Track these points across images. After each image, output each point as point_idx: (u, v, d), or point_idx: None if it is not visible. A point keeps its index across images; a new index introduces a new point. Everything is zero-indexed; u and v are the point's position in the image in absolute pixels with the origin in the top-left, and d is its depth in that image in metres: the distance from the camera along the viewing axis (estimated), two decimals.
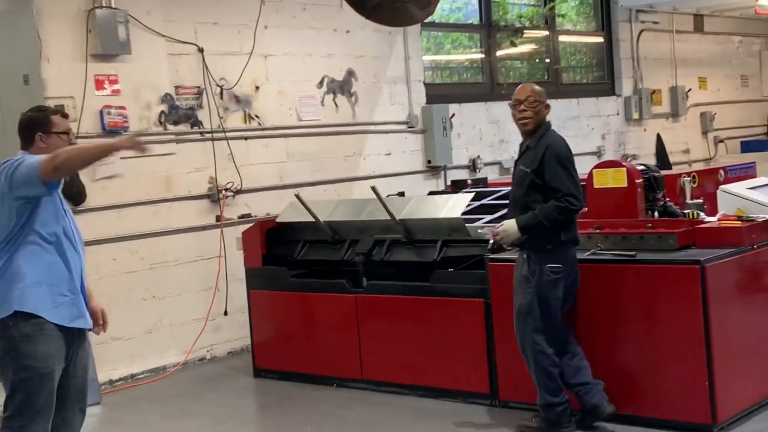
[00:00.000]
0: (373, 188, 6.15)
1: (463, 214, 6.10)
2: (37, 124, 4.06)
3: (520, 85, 5.25)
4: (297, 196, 6.47)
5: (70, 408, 4.09)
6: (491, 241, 5.50)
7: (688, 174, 6.54)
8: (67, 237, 4.01)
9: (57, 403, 3.98)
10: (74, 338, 4.02)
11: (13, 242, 3.92)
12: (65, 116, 4.18)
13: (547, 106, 5.18)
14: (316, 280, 6.48)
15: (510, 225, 5.03)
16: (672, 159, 11.71)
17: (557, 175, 4.93)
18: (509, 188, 7.01)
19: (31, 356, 3.86)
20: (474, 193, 6.80)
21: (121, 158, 6.92)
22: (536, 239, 4.98)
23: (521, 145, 5.29)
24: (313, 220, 6.42)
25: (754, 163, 8.17)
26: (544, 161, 4.96)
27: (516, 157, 5.37)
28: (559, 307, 5.04)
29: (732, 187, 6.02)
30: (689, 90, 12.46)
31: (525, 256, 5.08)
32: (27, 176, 3.81)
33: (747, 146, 12.57)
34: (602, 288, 5.19)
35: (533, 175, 4.99)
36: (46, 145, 4.01)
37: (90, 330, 4.18)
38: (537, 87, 5.25)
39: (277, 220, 6.83)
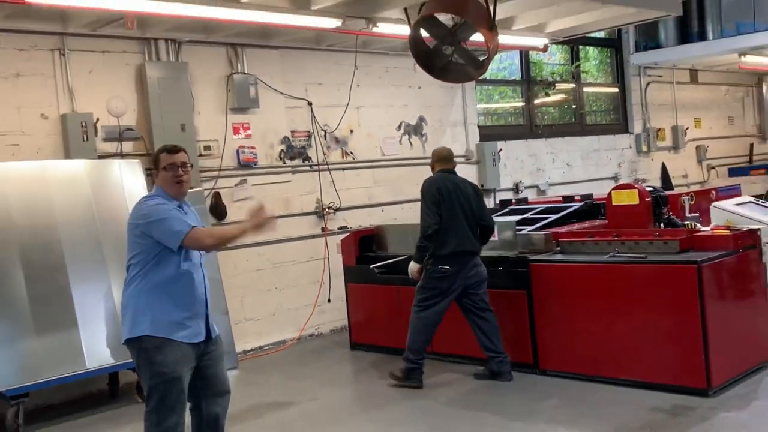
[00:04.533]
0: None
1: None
2: (153, 162, 3.91)
3: None
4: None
5: (216, 390, 3.88)
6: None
7: (687, 194, 6.46)
8: (192, 263, 3.75)
9: (205, 388, 3.80)
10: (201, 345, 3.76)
11: (146, 271, 3.68)
12: (172, 152, 3.81)
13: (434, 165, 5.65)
14: (395, 275, 6.43)
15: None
16: (674, 182, 11.48)
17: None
18: (546, 205, 7.06)
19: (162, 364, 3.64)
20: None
21: (252, 185, 7.15)
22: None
23: None
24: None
25: (739, 185, 8.01)
26: None
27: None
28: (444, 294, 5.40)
29: (722, 204, 5.95)
30: (687, 128, 12.23)
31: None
32: (167, 238, 3.62)
33: (733, 172, 12.32)
34: (619, 282, 5.17)
35: None
36: (159, 177, 3.81)
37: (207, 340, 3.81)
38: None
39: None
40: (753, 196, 6.72)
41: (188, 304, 3.70)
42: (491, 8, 5.94)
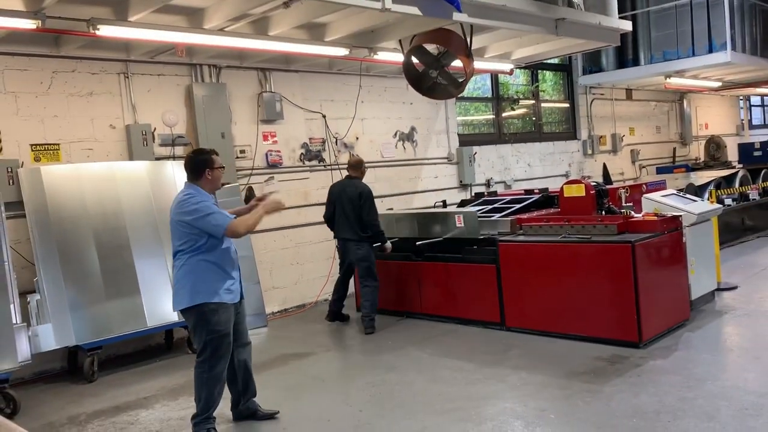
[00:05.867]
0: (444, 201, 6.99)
1: (482, 212, 6.07)
2: (206, 163, 3.66)
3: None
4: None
5: (242, 342, 3.92)
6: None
7: (623, 188, 6.40)
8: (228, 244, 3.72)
9: (235, 340, 3.79)
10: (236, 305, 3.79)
11: (196, 253, 3.60)
12: (218, 155, 3.75)
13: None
14: (394, 253, 6.41)
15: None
16: (613, 178, 11.47)
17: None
18: (511, 197, 7.00)
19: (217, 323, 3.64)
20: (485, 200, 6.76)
21: (278, 181, 7.11)
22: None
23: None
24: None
25: (664, 180, 7.99)
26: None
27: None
28: (344, 261, 6.12)
29: (651, 195, 5.90)
30: (623, 136, 12.18)
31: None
32: (213, 229, 3.55)
33: (660, 170, 12.27)
34: (569, 258, 5.14)
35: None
36: (211, 177, 3.65)
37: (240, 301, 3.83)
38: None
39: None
40: (676, 189, 6.68)
41: (231, 272, 3.71)
42: (468, 40, 5.96)
